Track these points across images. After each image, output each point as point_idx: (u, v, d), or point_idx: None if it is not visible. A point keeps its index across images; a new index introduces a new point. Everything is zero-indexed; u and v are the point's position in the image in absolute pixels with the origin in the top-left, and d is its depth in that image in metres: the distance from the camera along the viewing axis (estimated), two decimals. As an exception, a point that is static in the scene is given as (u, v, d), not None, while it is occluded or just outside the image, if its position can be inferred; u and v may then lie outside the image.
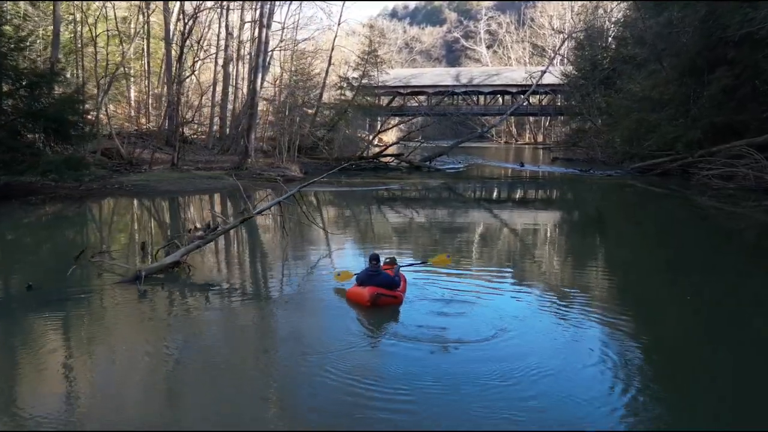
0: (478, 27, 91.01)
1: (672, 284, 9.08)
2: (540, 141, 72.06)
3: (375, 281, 7.20)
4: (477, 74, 52.06)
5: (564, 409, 4.72)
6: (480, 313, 7.05)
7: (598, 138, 37.42)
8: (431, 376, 5.23)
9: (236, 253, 11.51)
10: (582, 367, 5.54)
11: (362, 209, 18.01)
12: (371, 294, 6.99)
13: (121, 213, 16.35)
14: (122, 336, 6.34)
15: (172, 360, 5.66)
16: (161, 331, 6.46)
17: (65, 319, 6.80)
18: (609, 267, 10.68)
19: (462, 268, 9.51)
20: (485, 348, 5.95)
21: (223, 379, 5.21)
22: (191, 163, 25.65)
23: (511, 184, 28.90)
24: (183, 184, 19.30)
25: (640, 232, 15.06)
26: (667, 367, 5.85)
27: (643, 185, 24.64)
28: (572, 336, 6.45)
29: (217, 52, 31.03)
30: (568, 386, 5.11)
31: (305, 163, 28.04)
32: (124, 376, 5.27)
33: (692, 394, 5.31)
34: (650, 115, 29.04)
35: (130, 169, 21.85)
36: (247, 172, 23.50)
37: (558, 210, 19.59)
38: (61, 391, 4.96)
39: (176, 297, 7.70)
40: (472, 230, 14.60)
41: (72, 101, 16.73)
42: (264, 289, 8.55)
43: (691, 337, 6.87)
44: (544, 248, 12.62)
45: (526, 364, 5.51)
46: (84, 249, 9.33)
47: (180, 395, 5.11)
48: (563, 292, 8.32)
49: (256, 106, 25.11)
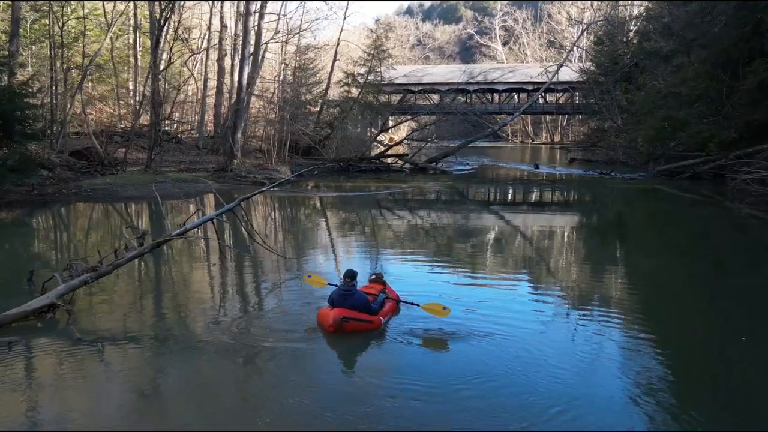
0: (493, 23, 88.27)
1: (704, 302, 8.28)
2: (557, 141, 69.72)
3: (347, 302, 6.22)
4: (491, 71, 49.79)
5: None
6: (494, 322, 6.60)
7: (618, 138, 35.23)
8: (442, 380, 5.09)
9: (155, 286, 8.79)
10: (602, 380, 5.30)
11: (345, 220, 15.86)
12: (335, 318, 5.99)
13: (51, 226, 13.96)
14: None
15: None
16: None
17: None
18: (634, 282, 9.52)
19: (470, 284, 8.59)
20: (499, 354, 5.74)
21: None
22: (173, 164, 23.73)
23: (524, 188, 26.44)
24: (151, 189, 17.14)
25: (669, 243, 13.12)
26: (695, 388, 5.39)
27: (671, 190, 22.31)
28: (592, 346, 6.08)
29: (208, 45, 28.95)
30: (585, 394, 4.94)
31: (300, 164, 25.94)
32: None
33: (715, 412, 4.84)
34: (678, 112, 26.53)
35: (102, 170, 19.91)
36: (231, 175, 21.48)
37: (576, 219, 17.19)
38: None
39: (47, 357, 5.54)
40: (473, 248, 12.28)
41: (11, 93, 14.50)
42: (178, 343, 6.23)
43: (720, 358, 6.09)
44: (561, 265, 10.35)
45: (543, 373, 5.30)
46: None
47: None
48: (586, 310, 7.59)
49: (242, 102, 23.03)
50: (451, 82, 45.99)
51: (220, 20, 29.88)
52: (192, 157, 26.15)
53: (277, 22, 29.92)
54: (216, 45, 30.35)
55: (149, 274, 9.32)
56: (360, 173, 27.03)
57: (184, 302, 7.56)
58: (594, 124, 43.93)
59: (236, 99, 23.15)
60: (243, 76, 22.05)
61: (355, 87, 35.72)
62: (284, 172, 22.67)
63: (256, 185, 20.88)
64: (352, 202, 19.23)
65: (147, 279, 9.08)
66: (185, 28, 29.18)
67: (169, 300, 7.80)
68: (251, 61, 26.80)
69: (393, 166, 28.65)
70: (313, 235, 13.49)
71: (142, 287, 8.54)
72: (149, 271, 9.38)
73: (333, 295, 6.48)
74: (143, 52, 30.19)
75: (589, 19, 46.34)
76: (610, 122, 38.83)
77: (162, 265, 9.66)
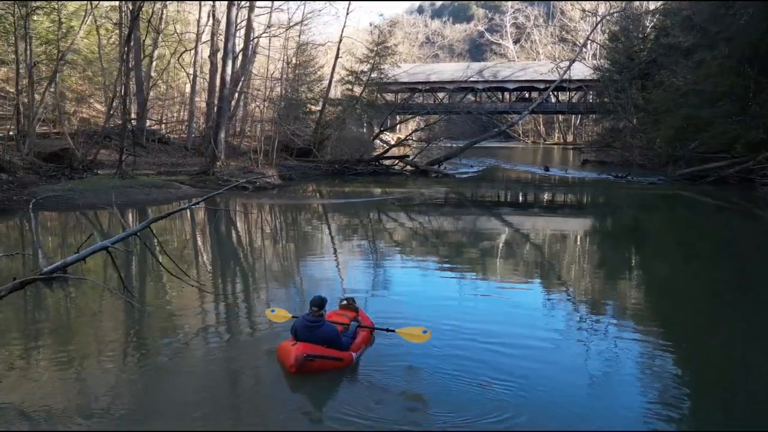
0: (504, 20, 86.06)
1: (729, 315, 7.49)
2: (569, 141, 67.67)
3: (313, 336, 5.31)
4: (502, 69, 47.97)
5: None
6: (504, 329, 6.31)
7: (634, 138, 33.29)
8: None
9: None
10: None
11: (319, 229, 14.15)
12: (297, 357, 5.03)
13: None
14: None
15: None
16: None
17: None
18: (655, 294, 8.77)
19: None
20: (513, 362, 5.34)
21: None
22: (155, 166, 22.14)
23: (531, 194, 24.49)
24: (115, 196, 15.48)
25: (693, 254, 11.78)
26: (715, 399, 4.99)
27: (693, 195, 20.41)
28: (608, 363, 5.62)
29: (197, 40, 27.34)
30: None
31: (292, 167, 24.22)
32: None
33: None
34: (700, 111, 24.55)
35: (70, 174, 18.35)
36: (212, 178, 19.82)
37: (591, 234, 15.20)
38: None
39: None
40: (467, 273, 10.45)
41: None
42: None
43: (743, 372, 5.63)
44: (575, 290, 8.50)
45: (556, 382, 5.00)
46: None
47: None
48: (601, 324, 6.96)
49: (226, 100, 21.38)
50: (460, 80, 44.19)
51: (212, 15, 28.24)
52: (177, 159, 24.57)
53: (269, 16, 28.27)
54: (208, 41, 28.75)
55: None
56: (356, 176, 25.29)
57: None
58: (608, 123, 42.34)
59: (219, 96, 21.49)
60: (226, 71, 20.41)
61: (358, 85, 34.14)
62: (271, 176, 20.96)
63: (242, 190, 19.30)
64: (340, 209, 17.50)
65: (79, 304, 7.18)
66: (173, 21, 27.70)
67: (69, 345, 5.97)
68: (241, 56, 25.23)
69: (392, 169, 26.80)
70: (281, 249, 11.76)
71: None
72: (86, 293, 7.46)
73: (296, 326, 5.46)
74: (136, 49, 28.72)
75: (604, 12, 44.21)
76: (625, 122, 37.02)
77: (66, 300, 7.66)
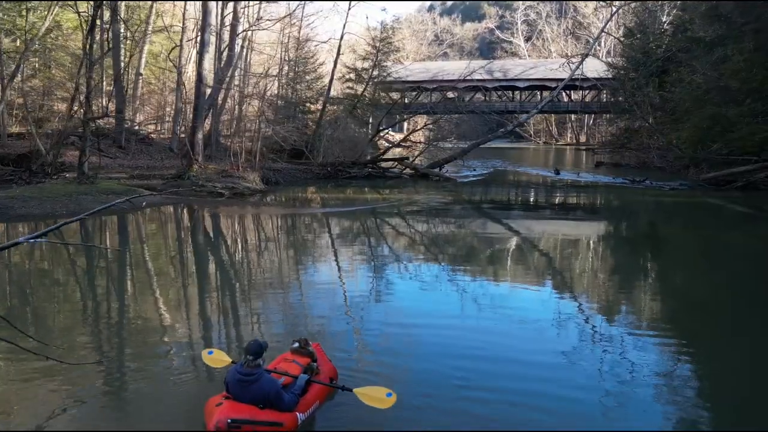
0: (515, 17, 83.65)
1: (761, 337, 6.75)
2: (582, 142, 65.25)
3: (246, 392, 4.14)
4: (512, 67, 45.93)
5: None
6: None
7: (651, 139, 31.15)
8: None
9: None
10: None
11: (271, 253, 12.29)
12: (218, 421, 3.90)
13: None
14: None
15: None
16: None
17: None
18: (681, 309, 8.14)
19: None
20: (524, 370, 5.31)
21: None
22: (128, 169, 20.42)
23: (538, 201, 22.37)
24: (62, 204, 13.70)
25: (718, 266, 10.70)
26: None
27: (720, 202, 18.24)
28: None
29: (182, 36, 25.55)
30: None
31: (280, 169, 22.33)
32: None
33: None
34: (725, 110, 22.41)
35: (27, 178, 16.68)
36: (188, 183, 18.06)
37: (605, 247, 13.20)
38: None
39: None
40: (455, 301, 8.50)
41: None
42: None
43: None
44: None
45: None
46: None
47: None
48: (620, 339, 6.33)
49: (203, 98, 19.60)
50: (469, 78, 42.11)
51: (205, 8, 26.46)
52: (157, 161, 22.87)
53: (258, 9, 26.43)
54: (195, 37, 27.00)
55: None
56: (350, 180, 23.42)
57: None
58: (623, 123, 40.22)
59: (195, 93, 19.73)
60: (203, 65, 18.65)
61: (359, 83, 32.33)
62: (252, 180, 19.14)
63: (213, 196, 17.51)
64: (321, 220, 15.62)
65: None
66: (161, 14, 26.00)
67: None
68: (226, 51, 23.48)
69: (389, 172, 24.85)
70: (231, 270, 9.91)
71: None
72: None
73: (228, 379, 4.37)
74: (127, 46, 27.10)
75: (619, 3, 41.97)
76: (641, 122, 34.82)
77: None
